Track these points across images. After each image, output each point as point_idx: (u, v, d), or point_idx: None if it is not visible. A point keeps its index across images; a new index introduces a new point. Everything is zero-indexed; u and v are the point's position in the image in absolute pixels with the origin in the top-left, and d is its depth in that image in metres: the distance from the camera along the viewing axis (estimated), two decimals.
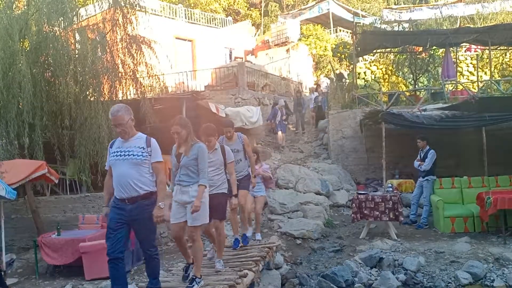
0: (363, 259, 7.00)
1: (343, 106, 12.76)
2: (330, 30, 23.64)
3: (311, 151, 13.44)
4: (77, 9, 9.96)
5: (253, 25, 24.87)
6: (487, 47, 13.76)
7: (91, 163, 9.02)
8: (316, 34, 21.69)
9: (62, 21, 9.16)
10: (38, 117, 8.58)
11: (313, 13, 24.94)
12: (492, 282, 6.20)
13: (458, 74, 15.16)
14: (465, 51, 17.46)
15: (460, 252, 6.95)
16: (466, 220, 8.18)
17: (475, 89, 13.68)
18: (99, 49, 9.52)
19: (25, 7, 9.72)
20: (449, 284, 6.25)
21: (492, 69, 14.93)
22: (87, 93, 9.38)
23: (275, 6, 28.76)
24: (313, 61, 21.23)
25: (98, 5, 10.16)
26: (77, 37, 9.76)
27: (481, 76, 15.61)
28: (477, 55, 16.20)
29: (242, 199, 5.99)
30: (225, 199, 5.32)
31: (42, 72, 9.23)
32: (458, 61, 15.87)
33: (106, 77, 9.48)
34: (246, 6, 28.38)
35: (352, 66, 15.99)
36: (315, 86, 17.48)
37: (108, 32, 9.82)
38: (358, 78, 16.58)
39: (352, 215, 8.24)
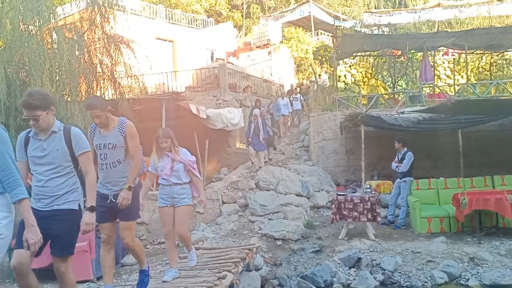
0: (342, 260, 7.05)
1: (323, 108, 12.87)
2: (311, 33, 23.82)
3: (292, 153, 13.48)
4: (53, 8, 9.77)
5: (235, 26, 24.81)
6: (464, 51, 14.05)
7: None
8: (297, 36, 21.81)
9: (37, 20, 8.98)
10: (13, 118, 8.35)
11: (295, 16, 25.05)
12: (467, 281, 6.32)
13: (436, 77, 15.43)
14: (442, 55, 17.81)
15: (436, 252, 7.06)
16: (442, 220, 8.32)
17: (452, 92, 13.99)
18: (76, 49, 9.35)
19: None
20: (425, 283, 6.33)
21: (469, 72, 15.26)
22: (64, 93, 9.19)
23: (257, 8, 28.77)
24: (295, 63, 21.33)
25: (76, 3, 9.99)
26: (54, 36, 9.55)
27: (457, 80, 15.96)
28: (454, 59, 16.54)
29: (125, 234, 3.88)
30: (74, 221, 3.19)
31: (17, 71, 9.02)
32: (435, 64, 16.17)
33: (83, 77, 9.32)
34: (228, 8, 28.32)
35: (332, 69, 16.12)
36: (297, 89, 17.41)
37: (85, 32, 9.66)
38: (339, 81, 16.73)
39: (331, 216, 8.29)
